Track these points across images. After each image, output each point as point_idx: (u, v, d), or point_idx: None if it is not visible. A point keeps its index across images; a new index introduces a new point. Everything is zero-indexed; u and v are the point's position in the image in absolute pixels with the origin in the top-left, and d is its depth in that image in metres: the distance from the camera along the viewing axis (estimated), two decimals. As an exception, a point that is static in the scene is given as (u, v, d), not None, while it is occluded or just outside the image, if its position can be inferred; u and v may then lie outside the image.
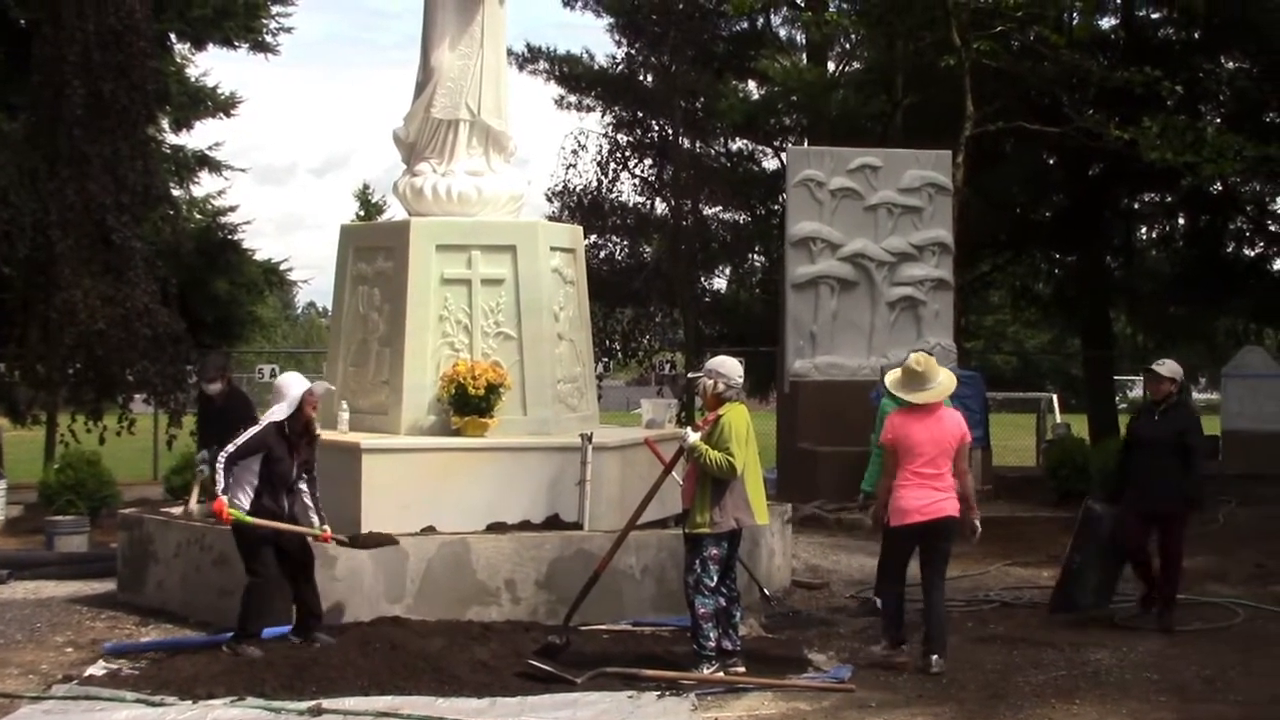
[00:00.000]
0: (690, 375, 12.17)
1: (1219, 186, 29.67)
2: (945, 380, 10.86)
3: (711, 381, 10.35)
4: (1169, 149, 22.71)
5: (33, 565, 14.84)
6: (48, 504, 17.79)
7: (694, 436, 10.18)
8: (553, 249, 13.80)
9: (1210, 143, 23.10)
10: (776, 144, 34.09)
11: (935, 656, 10.47)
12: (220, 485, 10.56)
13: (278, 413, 10.85)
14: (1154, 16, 31.19)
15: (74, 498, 17.53)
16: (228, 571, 11.11)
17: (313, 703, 9.25)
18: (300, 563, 10.96)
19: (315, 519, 10.99)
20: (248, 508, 10.69)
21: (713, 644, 10.14)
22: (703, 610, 10.13)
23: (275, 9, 30.13)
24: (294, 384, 11.02)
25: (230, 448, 10.70)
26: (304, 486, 11.03)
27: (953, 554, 11.75)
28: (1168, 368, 12.27)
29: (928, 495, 10.48)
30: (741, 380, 10.51)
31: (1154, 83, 23.36)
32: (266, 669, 10.00)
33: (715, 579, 10.19)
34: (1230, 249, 32.93)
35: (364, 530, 11.89)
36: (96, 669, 10.36)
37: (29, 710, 9.31)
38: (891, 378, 11.02)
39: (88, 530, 16.18)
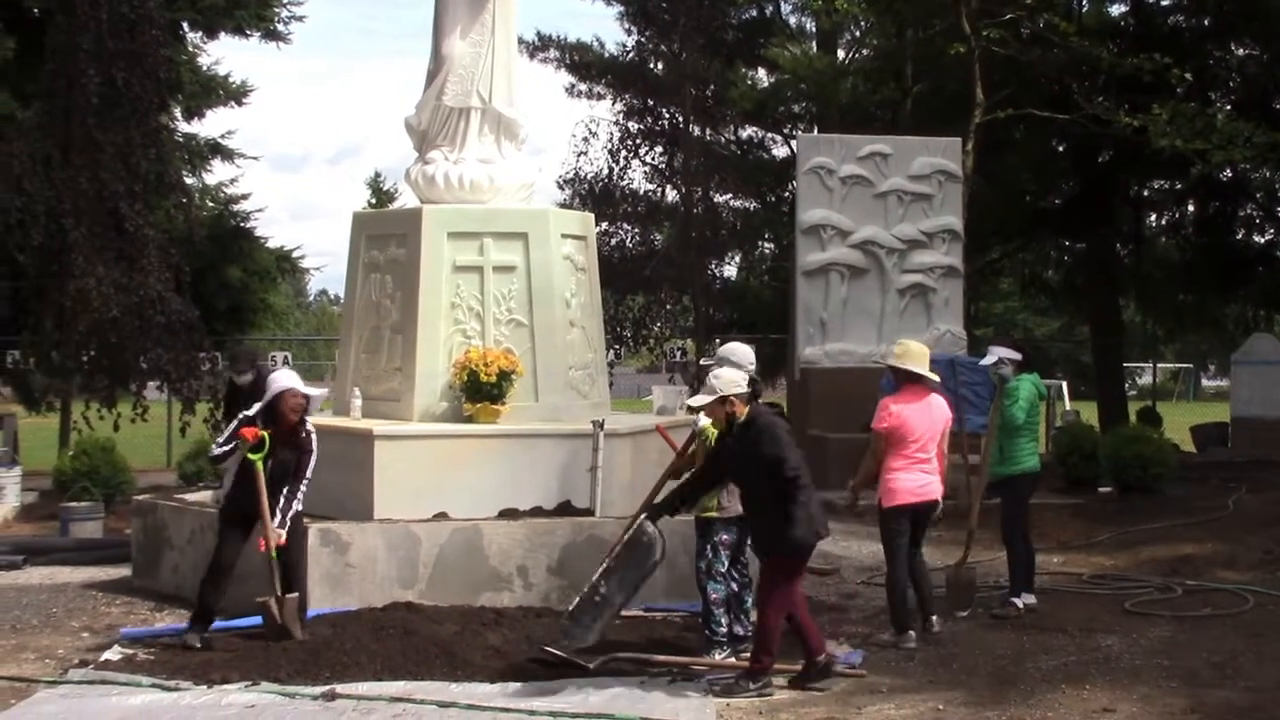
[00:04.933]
0: (702, 363, 12.08)
1: (1229, 173, 29.66)
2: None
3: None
4: (1178, 136, 22.69)
5: (48, 551, 14.97)
6: (62, 490, 17.87)
7: (704, 421, 10.24)
8: (564, 236, 13.84)
9: (1220, 130, 23.06)
10: (786, 131, 34.15)
11: (934, 617, 11.19)
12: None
13: (251, 410, 10.91)
14: (1164, 3, 31.14)
15: (88, 484, 17.60)
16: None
17: (326, 688, 9.32)
18: (293, 580, 10.88)
19: (275, 518, 10.75)
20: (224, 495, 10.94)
21: (724, 629, 10.21)
22: (714, 595, 10.19)
23: (286, -3, 30.17)
24: (273, 383, 10.96)
25: (220, 440, 10.96)
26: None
27: (962, 540, 12.10)
28: (717, 375, 9.84)
29: (920, 478, 11.08)
30: (753, 365, 10.60)
31: (1163, 70, 23.34)
32: (281, 654, 10.07)
33: (726, 564, 10.26)
34: (1240, 236, 32.88)
35: (377, 517, 11.98)
36: (112, 654, 10.44)
37: (46, 694, 9.39)
38: (906, 357, 11.29)
39: (102, 516, 16.29)
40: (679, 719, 8.80)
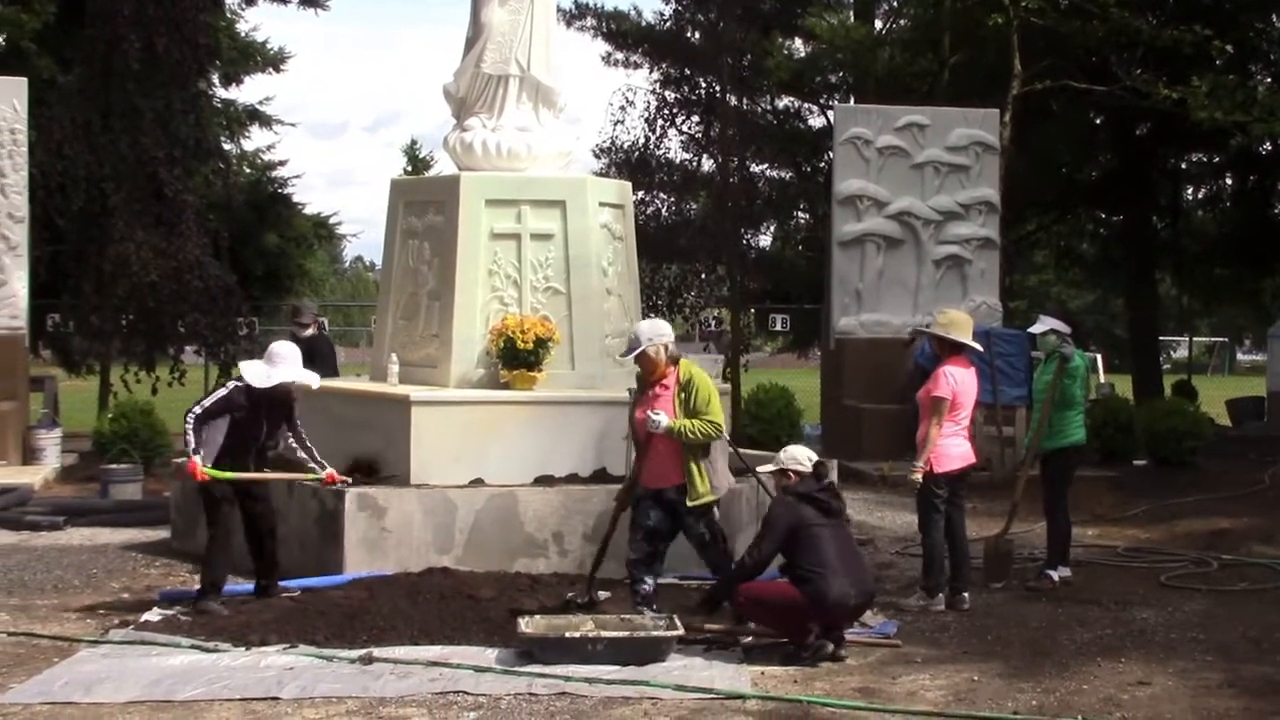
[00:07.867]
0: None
1: (1268, 147, 29.47)
2: None
3: (659, 348, 10.29)
4: (1218, 108, 22.50)
5: (89, 512, 15.10)
6: (101, 452, 18.02)
7: (664, 418, 10.09)
8: (601, 204, 13.82)
9: (1260, 102, 22.88)
10: (823, 101, 34.01)
11: (967, 594, 11.24)
12: (190, 445, 10.54)
13: (254, 378, 10.69)
14: (1205, -25, 30.90)
15: (127, 447, 17.74)
16: (280, 522, 11.27)
17: (364, 651, 9.39)
18: (264, 529, 10.98)
19: (314, 466, 11.04)
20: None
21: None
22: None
23: (325, -37, 30.25)
24: (280, 363, 10.82)
25: (198, 408, 10.70)
26: (292, 443, 11.02)
27: (997, 512, 12.21)
28: (785, 450, 10.48)
29: (965, 444, 11.45)
30: (668, 335, 10.51)
31: (1203, 42, 23.17)
32: (318, 617, 10.12)
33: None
34: (1278, 210, 32.70)
35: (414, 482, 12.05)
36: (152, 615, 10.55)
37: (87, 653, 9.51)
38: (952, 327, 11.56)
39: (141, 479, 16.42)
40: (714, 686, 8.83)
